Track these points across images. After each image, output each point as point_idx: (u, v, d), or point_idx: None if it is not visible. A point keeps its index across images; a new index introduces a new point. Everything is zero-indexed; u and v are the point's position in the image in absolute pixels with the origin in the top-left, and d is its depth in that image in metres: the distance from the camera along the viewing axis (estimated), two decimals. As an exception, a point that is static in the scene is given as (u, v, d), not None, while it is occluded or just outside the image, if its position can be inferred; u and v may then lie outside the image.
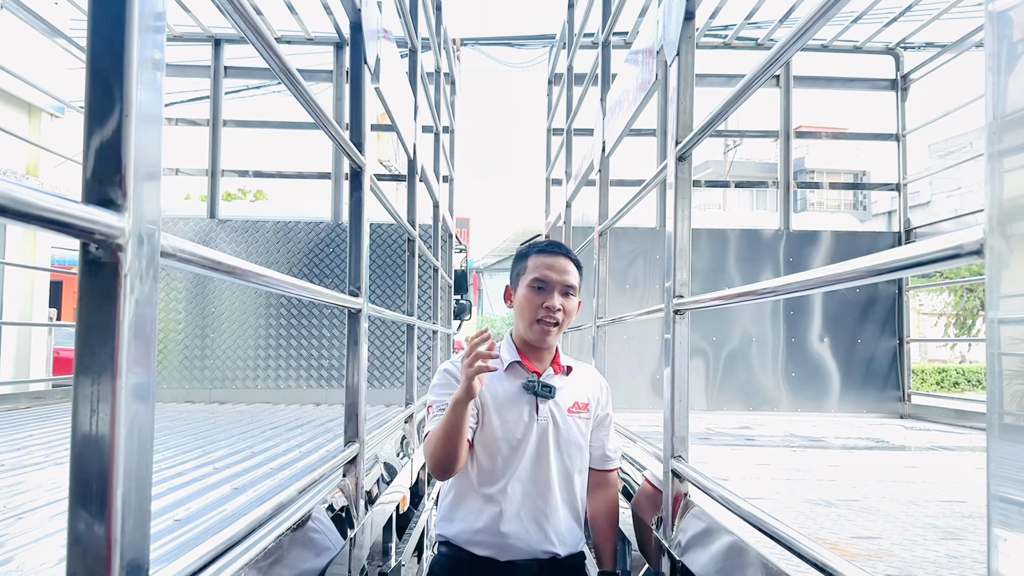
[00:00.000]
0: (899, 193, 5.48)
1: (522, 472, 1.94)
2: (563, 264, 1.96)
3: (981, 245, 0.67)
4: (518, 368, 2.00)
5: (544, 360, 2.03)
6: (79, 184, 0.70)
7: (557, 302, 1.92)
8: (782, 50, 1.26)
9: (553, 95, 6.91)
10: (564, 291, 1.95)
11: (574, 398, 2.03)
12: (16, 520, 1.75)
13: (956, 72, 6.00)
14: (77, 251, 0.68)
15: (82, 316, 0.67)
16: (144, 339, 0.70)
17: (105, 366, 0.67)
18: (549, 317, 1.92)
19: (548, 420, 1.96)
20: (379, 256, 5.44)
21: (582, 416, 2.03)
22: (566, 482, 2.00)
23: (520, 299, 1.98)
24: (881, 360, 5.25)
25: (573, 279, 1.97)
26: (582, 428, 2.03)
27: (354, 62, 2.02)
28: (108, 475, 0.66)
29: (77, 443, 0.66)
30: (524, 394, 1.96)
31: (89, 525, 0.65)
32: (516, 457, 1.94)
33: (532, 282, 1.95)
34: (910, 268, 0.77)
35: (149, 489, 0.73)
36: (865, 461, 2.92)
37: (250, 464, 2.57)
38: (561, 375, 2.04)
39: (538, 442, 1.95)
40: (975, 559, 1.53)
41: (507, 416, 1.94)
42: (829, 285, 0.98)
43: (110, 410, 0.66)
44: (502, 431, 1.93)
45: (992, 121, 0.66)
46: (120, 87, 0.68)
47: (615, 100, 3.32)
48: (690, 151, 1.81)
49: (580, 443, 2.02)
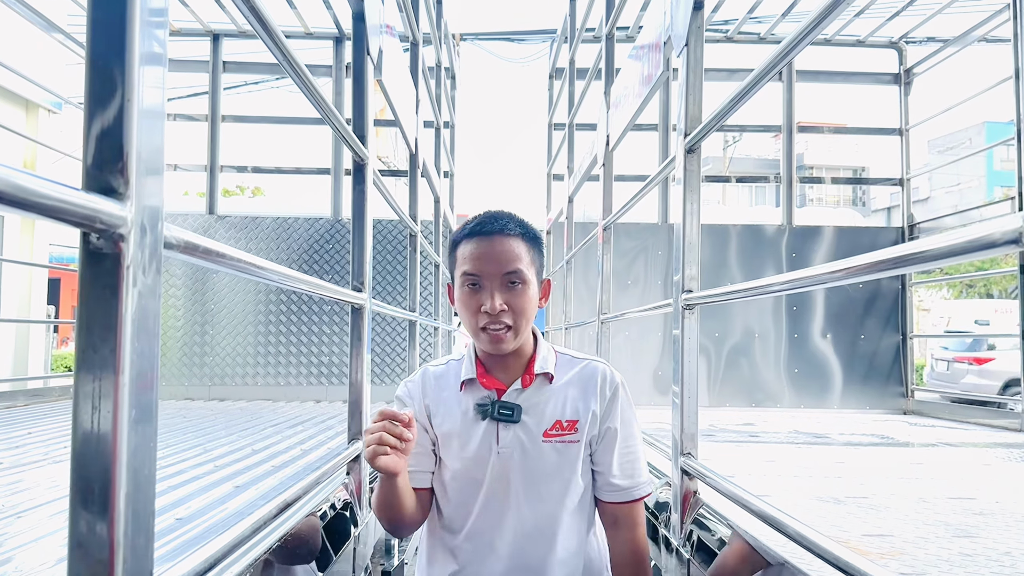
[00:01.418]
0: (902, 188, 5.45)
1: (485, 519, 1.50)
2: (499, 246, 1.44)
3: (1020, 234, 0.65)
4: (474, 386, 1.51)
5: (512, 369, 1.52)
6: (78, 180, 0.67)
7: (498, 301, 1.42)
8: (795, 41, 1.24)
9: (554, 90, 6.88)
10: (507, 283, 1.44)
11: (554, 415, 1.50)
12: (15, 519, 1.72)
13: (959, 67, 5.98)
14: (75, 248, 0.66)
15: (83, 309, 0.64)
16: (148, 332, 0.67)
17: (107, 361, 0.64)
18: (493, 323, 1.43)
19: (512, 449, 1.47)
20: (381, 252, 5.42)
21: (564, 439, 1.50)
22: (552, 528, 1.50)
23: (458, 303, 1.49)
24: (884, 356, 5.23)
25: (516, 261, 1.44)
26: (565, 454, 1.50)
27: (356, 54, 1.99)
28: (110, 474, 0.63)
29: (78, 441, 0.63)
30: (479, 419, 1.48)
31: (91, 526, 0.62)
32: (474, 500, 1.50)
33: (463, 279, 1.46)
34: (945, 258, 0.74)
35: (153, 488, 0.70)
36: (871, 457, 2.91)
37: (251, 462, 2.55)
38: (534, 387, 1.51)
39: (497, 479, 1.48)
40: (989, 557, 1.51)
41: (461, 450, 1.49)
42: (850, 278, 0.95)
43: (112, 406, 0.63)
44: (459, 469, 1.50)
45: None
46: (121, 72, 0.65)
47: (619, 93, 3.29)
48: (699, 144, 1.78)
49: (564, 475, 1.50)
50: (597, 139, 3.72)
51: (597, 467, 1.53)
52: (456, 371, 1.54)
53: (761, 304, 5.28)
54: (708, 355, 5.26)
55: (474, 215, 1.50)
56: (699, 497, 1.77)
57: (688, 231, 1.80)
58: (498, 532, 1.49)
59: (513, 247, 1.45)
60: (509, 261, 1.43)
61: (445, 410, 1.51)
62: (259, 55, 6.18)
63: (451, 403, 1.51)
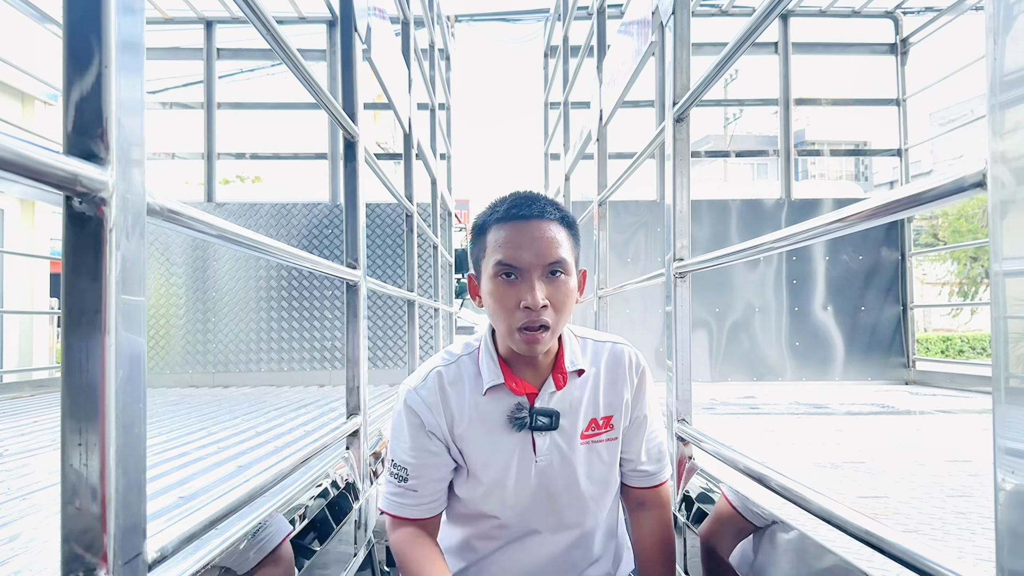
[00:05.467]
0: (900, 159, 5.43)
1: (519, 529, 1.40)
2: (538, 231, 1.26)
3: (983, 176, 0.65)
4: (501, 391, 1.35)
5: (541, 369, 1.37)
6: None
7: (540, 295, 1.23)
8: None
9: (549, 68, 6.86)
10: (549, 273, 1.26)
11: (589, 414, 1.39)
12: (20, 500, 1.75)
13: (956, 35, 5.93)
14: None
15: (68, 273, 0.65)
16: (132, 293, 0.69)
17: (93, 323, 0.65)
18: (533, 321, 1.24)
19: (551, 458, 1.35)
20: (379, 236, 5.43)
21: (602, 438, 1.39)
22: (587, 529, 1.42)
23: (487, 297, 1.30)
24: (885, 327, 5.24)
25: (560, 250, 1.27)
26: (603, 454, 1.40)
27: (344, 31, 1.99)
28: (100, 432, 0.65)
29: (67, 401, 0.65)
30: (512, 430, 1.34)
31: (81, 479, 0.64)
32: (509, 513, 1.38)
33: (497, 269, 1.27)
34: (913, 207, 0.75)
35: (143, 447, 0.72)
36: (870, 426, 2.92)
37: (254, 443, 2.57)
38: (568, 387, 1.38)
39: (536, 490, 1.36)
40: (982, 515, 1.52)
41: (493, 464, 1.34)
42: (831, 233, 0.97)
43: (100, 365, 0.65)
44: (492, 483, 1.35)
45: (994, 47, 0.64)
46: (98, 34, 0.66)
47: (611, 68, 3.29)
48: (688, 112, 1.79)
49: (603, 474, 1.41)
50: (590, 115, 3.72)
51: (625, 455, 1.46)
52: (470, 370, 1.38)
53: (761, 278, 5.28)
54: (709, 330, 5.27)
55: (500, 196, 1.34)
56: (694, 462, 1.79)
57: (678, 200, 1.81)
58: (542, 539, 1.39)
59: (554, 233, 1.27)
60: (552, 249, 1.26)
61: (468, 421, 1.34)
62: (252, 41, 6.15)
63: (474, 411, 1.35)
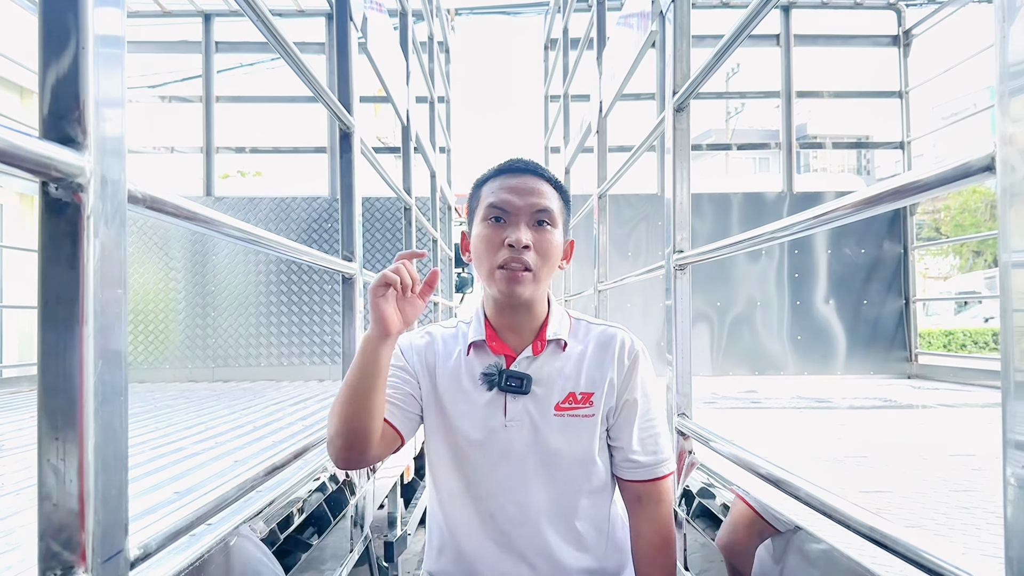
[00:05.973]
0: (903, 151, 5.40)
1: (495, 500, 1.37)
2: (531, 183, 1.35)
3: (992, 159, 0.63)
4: (482, 350, 1.40)
5: (524, 332, 1.40)
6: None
7: (525, 235, 1.30)
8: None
9: (549, 61, 6.82)
10: (536, 219, 1.33)
11: (567, 387, 1.38)
12: (14, 496, 1.73)
13: (959, 26, 5.89)
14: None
15: (44, 261, 0.63)
16: (112, 283, 0.66)
17: (69, 314, 0.63)
18: (515, 259, 1.30)
19: (521, 423, 1.35)
20: (378, 231, 5.41)
21: (578, 413, 1.37)
22: (561, 510, 1.38)
23: (475, 241, 1.36)
24: (887, 321, 5.22)
25: (548, 201, 1.35)
26: (579, 430, 1.37)
27: (340, 21, 1.96)
28: (78, 425, 0.63)
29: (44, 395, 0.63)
30: (484, 389, 1.37)
31: (59, 475, 0.62)
32: (483, 478, 1.37)
33: (487, 212, 1.34)
34: (919, 193, 0.73)
35: (125, 440, 0.70)
36: (873, 420, 2.90)
37: (251, 438, 2.55)
38: (546, 355, 1.39)
39: (504, 455, 1.36)
40: (986, 509, 1.50)
41: (464, 420, 1.37)
42: (834, 221, 0.94)
43: (78, 356, 0.63)
44: (463, 441, 1.37)
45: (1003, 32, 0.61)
46: (75, 8, 0.63)
47: (611, 60, 3.26)
48: (688, 101, 1.76)
49: (579, 453, 1.38)
50: (590, 107, 3.69)
51: (615, 442, 1.41)
52: (464, 333, 1.43)
53: (763, 272, 5.26)
54: (711, 325, 5.25)
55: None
56: (694, 456, 1.77)
57: (678, 191, 1.79)
58: (511, 514, 1.36)
59: (545, 189, 1.36)
60: (541, 199, 1.33)
61: (450, 373, 1.39)
62: (251, 34, 6.13)
63: (457, 366, 1.39)
